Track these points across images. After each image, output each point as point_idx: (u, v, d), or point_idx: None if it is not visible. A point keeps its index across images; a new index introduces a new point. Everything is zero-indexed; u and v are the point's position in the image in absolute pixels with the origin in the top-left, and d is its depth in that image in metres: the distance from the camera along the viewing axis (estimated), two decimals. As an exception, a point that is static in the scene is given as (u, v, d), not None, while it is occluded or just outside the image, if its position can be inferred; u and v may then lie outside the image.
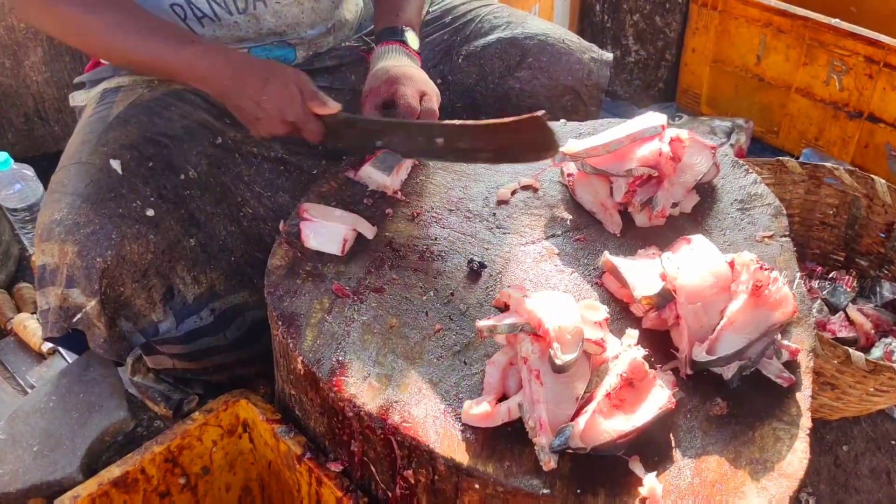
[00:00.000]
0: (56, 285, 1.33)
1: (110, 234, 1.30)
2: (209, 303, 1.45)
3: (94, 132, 1.42)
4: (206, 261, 1.43)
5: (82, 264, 1.30)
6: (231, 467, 1.37)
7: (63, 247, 1.30)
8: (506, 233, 1.33)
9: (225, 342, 1.49)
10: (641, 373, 1.02)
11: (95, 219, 1.30)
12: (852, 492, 1.73)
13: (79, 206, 1.31)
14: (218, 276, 1.45)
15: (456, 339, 1.15)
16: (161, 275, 1.37)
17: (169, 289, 1.39)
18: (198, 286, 1.42)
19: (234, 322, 1.49)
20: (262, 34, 1.57)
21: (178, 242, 1.38)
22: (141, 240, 1.33)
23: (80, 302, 1.32)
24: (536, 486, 0.96)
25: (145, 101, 1.49)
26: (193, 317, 1.43)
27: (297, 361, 1.13)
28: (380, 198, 1.39)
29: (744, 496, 0.96)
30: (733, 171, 1.44)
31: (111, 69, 1.59)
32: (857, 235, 2.02)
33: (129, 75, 1.55)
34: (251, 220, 1.51)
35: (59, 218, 1.31)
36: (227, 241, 1.47)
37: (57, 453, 1.37)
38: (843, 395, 1.65)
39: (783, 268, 1.25)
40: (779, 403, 1.06)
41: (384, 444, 1.06)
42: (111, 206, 1.32)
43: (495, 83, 1.74)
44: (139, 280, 1.35)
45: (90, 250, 1.29)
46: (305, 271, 1.24)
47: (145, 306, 1.38)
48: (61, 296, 1.33)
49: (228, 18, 1.51)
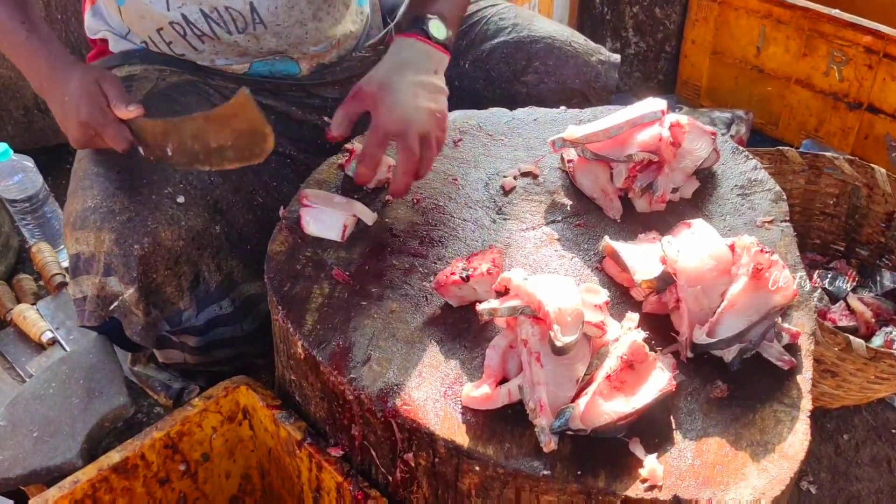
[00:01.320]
0: (92, 274, 1.32)
1: (146, 220, 1.29)
2: (230, 292, 1.44)
3: None
4: (228, 249, 1.43)
5: (120, 252, 1.28)
6: (231, 454, 1.37)
7: (99, 234, 1.29)
8: (506, 219, 1.33)
9: (241, 333, 1.49)
10: (642, 355, 1.01)
11: (131, 206, 1.29)
12: (853, 480, 1.73)
13: (113, 193, 1.30)
14: (237, 265, 1.45)
15: (456, 323, 1.15)
16: (191, 262, 1.37)
17: (196, 276, 1.39)
18: (220, 274, 1.42)
19: (252, 313, 1.49)
20: (264, 53, 1.55)
21: (205, 230, 1.38)
22: (174, 226, 1.32)
23: (118, 290, 1.31)
24: (537, 467, 0.96)
25: (163, 88, 1.48)
26: (214, 305, 1.43)
27: (298, 346, 1.13)
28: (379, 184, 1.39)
29: (744, 477, 0.96)
30: (733, 157, 1.43)
31: (121, 57, 1.57)
32: (857, 225, 2.02)
33: (141, 63, 1.53)
34: (263, 209, 1.51)
35: (92, 206, 1.30)
36: (244, 229, 1.46)
37: (57, 439, 1.36)
38: (844, 382, 1.65)
39: (784, 252, 1.24)
40: (779, 386, 1.06)
41: (384, 428, 1.06)
42: (145, 192, 1.31)
43: (503, 88, 1.72)
44: (171, 267, 1.34)
45: (127, 237, 1.28)
46: (305, 257, 1.24)
47: (174, 294, 1.37)
48: (98, 284, 1.32)
49: (228, 38, 1.49)
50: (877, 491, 1.71)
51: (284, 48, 1.55)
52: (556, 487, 0.96)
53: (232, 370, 1.51)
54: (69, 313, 1.89)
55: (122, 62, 1.56)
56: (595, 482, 0.95)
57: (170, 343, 1.48)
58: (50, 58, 1.32)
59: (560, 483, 0.96)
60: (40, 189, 2.12)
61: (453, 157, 1.46)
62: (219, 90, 1.54)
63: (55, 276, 2.00)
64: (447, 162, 1.44)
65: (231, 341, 1.49)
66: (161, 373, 1.70)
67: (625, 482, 0.95)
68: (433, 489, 1.07)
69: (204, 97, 1.51)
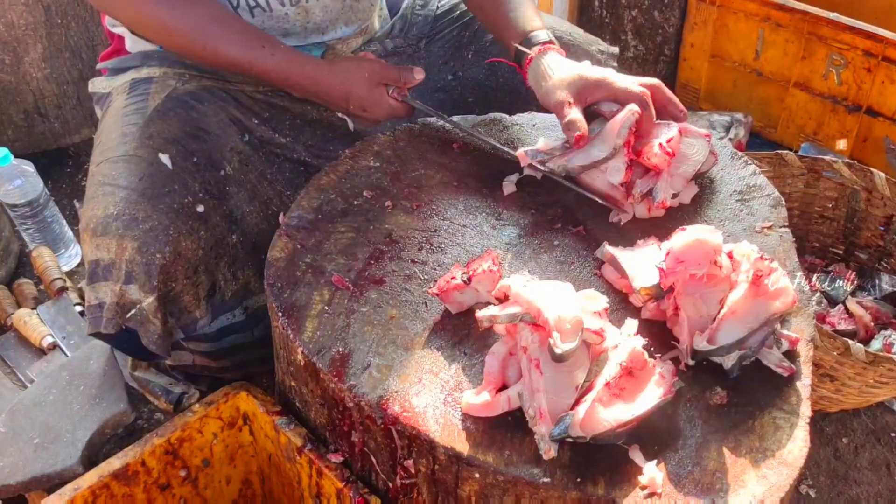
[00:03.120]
0: (112, 281, 1.32)
1: (167, 229, 1.30)
2: (243, 300, 1.45)
3: (135, 124, 1.42)
4: (244, 258, 1.44)
5: (142, 260, 1.29)
6: (231, 460, 1.37)
7: (122, 242, 1.29)
8: (505, 224, 1.33)
9: (251, 339, 1.49)
10: (641, 362, 1.02)
11: (153, 214, 1.30)
12: (852, 484, 1.73)
13: (136, 201, 1.31)
14: (252, 274, 1.45)
15: (455, 330, 1.15)
16: (208, 271, 1.37)
17: (213, 286, 1.39)
18: (235, 283, 1.42)
19: (263, 322, 1.49)
20: (308, 29, 1.57)
21: (223, 239, 1.39)
22: (193, 236, 1.33)
23: (137, 298, 1.31)
24: (536, 474, 0.97)
25: (180, 94, 1.48)
26: (227, 314, 1.43)
27: (298, 353, 1.13)
28: (379, 190, 1.39)
29: (744, 484, 0.96)
30: (732, 163, 1.44)
31: (139, 58, 1.56)
32: (856, 228, 2.03)
33: (159, 66, 1.53)
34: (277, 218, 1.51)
35: (115, 213, 1.30)
36: (258, 239, 1.46)
37: (57, 446, 1.37)
38: (843, 386, 1.65)
39: (783, 258, 1.25)
40: (779, 392, 1.07)
41: (384, 435, 1.06)
42: (167, 201, 1.32)
43: (505, 77, 1.73)
44: (190, 277, 1.35)
45: (150, 246, 1.29)
46: (305, 263, 1.25)
47: (192, 303, 1.37)
48: (118, 292, 1.32)
49: (280, 9, 1.51)
50: (876, 495, 1.71)
51: (325, 25, 1.59)
52: (556, 495, 0.97)
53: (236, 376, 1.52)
54: (69, 318, 1.89)
55: (141, 63, 1.55)
56: (595, 489, 0.96)
57: (179, 346, 1.48)
58: (306, 74, 1.44)
59: (560, 490, 0.96)
60: (41, 194, 2.12)
61: (453, 163, 1.46)
62: (235, 96, 1.54)
63: (55, 281, 2.00)
64: (447, 168, 1.45)
65: (241, 348, 1.49)
66: (161, 377, 1.70)
67: (624, 489, 0.96)
68: (433, 496, 1.07)
69: (220, 105, 1.51)
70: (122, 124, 1.43)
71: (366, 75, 1.42)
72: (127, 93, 1.50)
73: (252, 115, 1.53)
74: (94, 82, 1.62)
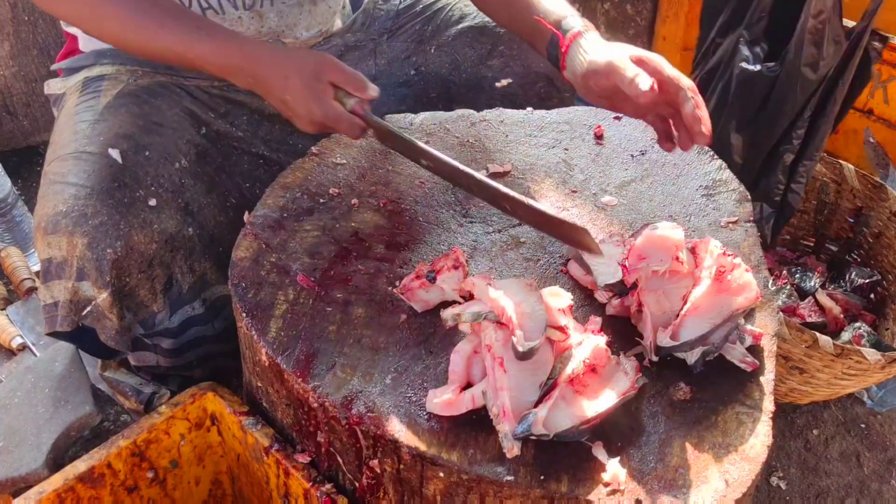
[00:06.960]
0: (65, 279, 1.32)
1: (118, 224, 1.29)
2: (201, 292, 1.45)
3: (86, 121, 1.40)
4: (200, 251, 1.43)
5: (93, 256, 1.28)
6: (200, 460, 1.36)
7: (72, 239, 1.28)
8: (472, 221, 1.33)
9: (213, 332, 1.49)
10: (604, 359, 1.02)
11: (103, 209, 1.29)
12: (822, 475, 1.75)
13: (84, 198, 1.29)
14: (210, 266, 1.45)
15: (421, 329, 1.15)
16: (164, 265, 1.37)
17: (169, 279, 1.39)
18: (192, 276, 1.42)
19: (222, 313, 1.49)
20: (263, 34, 1.55)
21: (178, 232, 1.38)
22: (146, 229, 1.32)
23: (91, 295, 1.31)
24: (500, 473, 0.96)
25: (133, 89, 1.47)
26: (186, 307, 1.43)
27: (262, 353, 1.13)
28: (346, 188, 1.38)
29: (706, 480, 0.96)
30: (699, 157, 1.44)
31: (92, 57, 1.55)
32: (826, 221, 2.04)
33: (112, 64, 1.53)
34: (236, 210, 1.50)
35: (64, 210, 1.29)
36: (216, 231, 1.46)
37: (22, 449, 1.36)
38: (812, 378, 1.66)
39: (747, 253, 1.25)
40: (742, 388, 1.07)
41: (349, 435, 1.06)
42: (117, 196, 1.31)
43: (468, 72, 1.72)
44: (145, 270, 1.34)
45: (100, 241, 1.28)
46: (270, 262, 1.24)
47: (148, 297, 1.37)
48: (71, 289, 1.31)
49: (233, 13, 1.50)
50: (846, 486, 1.73)
51: (281, 30, 1.56)
52: (520, 493, 0.96)
53: (203, 372, 1.51)
54: (39, 319, 1.87)
55: (94, 62, 1.54)
56: (558, 487, 0.96)
57: (143, 345, 1.47)
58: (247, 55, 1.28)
59: (523, 488, 0.96)
60: (9, 192, 2.10)
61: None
62: (190, 91, 1.53)
63: (24, 281, 1.99)
64: (413, 166, 1.44)
65: (203, 340, 1.49)
66: (132, 377, 1.69)
67: (587, 486, 0.96)
68: (399, 495, 1.07)
69: (175, 99, 1.50)
70: (73, 122, 1.42)
71: (311, 66, 1.26)
72: (80, 92, 1.49)
73: (208, 109, 1.52)
74: (50, 84, 1.61)
